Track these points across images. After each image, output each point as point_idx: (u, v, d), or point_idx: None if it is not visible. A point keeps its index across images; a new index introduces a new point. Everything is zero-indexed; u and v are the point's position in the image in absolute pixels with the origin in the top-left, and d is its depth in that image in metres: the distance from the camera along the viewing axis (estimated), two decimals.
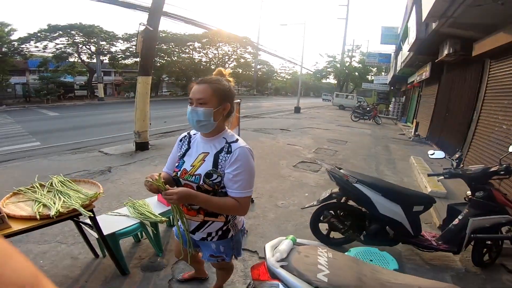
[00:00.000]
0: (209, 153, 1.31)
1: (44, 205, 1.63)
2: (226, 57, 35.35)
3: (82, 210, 1.57)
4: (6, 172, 4.59)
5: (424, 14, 5.86)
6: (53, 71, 24.17)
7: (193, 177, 1.28)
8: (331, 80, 43.79)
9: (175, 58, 30.66)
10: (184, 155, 1.39)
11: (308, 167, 5.57)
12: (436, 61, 8.09)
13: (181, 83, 34.45)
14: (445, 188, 4.46)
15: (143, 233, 2.46)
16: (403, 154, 7.36)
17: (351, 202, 2.75)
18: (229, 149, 1.28)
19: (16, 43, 21.61)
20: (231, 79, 1.38)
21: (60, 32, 22.69)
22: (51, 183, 1.86)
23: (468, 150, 6.15)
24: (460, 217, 2.57)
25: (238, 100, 3.63)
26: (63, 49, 23.89)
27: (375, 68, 32.49)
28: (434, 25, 6.26)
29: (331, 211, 2.79)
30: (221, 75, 1.36)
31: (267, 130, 9.67)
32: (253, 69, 41.04)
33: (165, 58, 29.18)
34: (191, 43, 30.27)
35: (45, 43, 22.99)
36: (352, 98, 26.35)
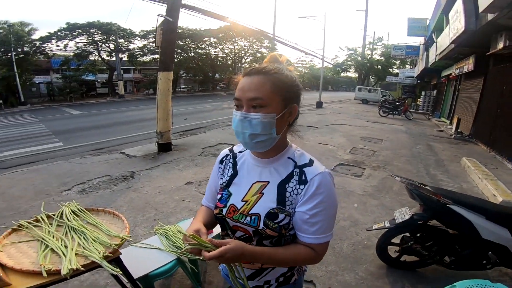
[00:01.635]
0: (268, 182, 0.87)
1: (53, 250, 1.18)
2: (242, 52, 34.79)
3: (106, 265, 1.10)
4: (26, 177, 4.31)
5: (482, 5, 5.23)
6: (75, 69, 24.69)
7: (248, 218, 0.85)
8: (351, 73, 42.25)
9: (192, 54, 30.54)
10: (229, 183, 0.94)
11: (349, 170, 4.96)
12: (487, 54, 7.24)
13: (198, 79, 34.34)
14: None
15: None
16: (451, 155, 6.57)
17: (431, 222, 2.26)
18: (303, 177, 0.84)
19: (37, 43, 22.08)
20: (291, 68, 0.88)
21: (79, 30, 23.09)
22: (61, 214, 1.40)
23: None
24: None
25: None
26: (83, 48, 24.28)
27: (399, 61, 30.86)
28: (489, 17, 5.52)
29: (407, 234, 2.33)
30: (277, 62, 0.86)
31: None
32: None
33: (182, 54, 29.10)
34: (207, 38, 29.96)
35: (65, 42, 23.47)
36: (375, 92, 25.11)
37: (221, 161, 1.01)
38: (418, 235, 2.29)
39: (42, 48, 22.61)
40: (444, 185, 4.45)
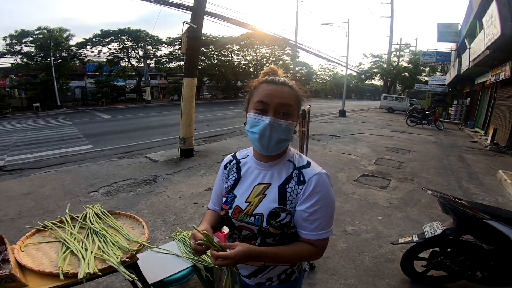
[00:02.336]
0: (270, 184, 0.94)
1: (73, 252, 1.20)
2: (264, 59, 34.97)
3: (122, 270, 1.11)
4: (57, 178, 4.55)
5: None
6: (107, 75, 26.00)
7: (252, 217, 0.92)
8: (376, 81, 41.02)
9: (215, 61, 31.14)
10: (233, 187, 1.01)
11: (373, 182, 4.75)
12: None
13: (221, 86, 34.92)
14: None
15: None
16: (485, 167, 6.11)
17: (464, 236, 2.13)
18: (301, 178, 0.91)
19: (74, 48, 23.39)
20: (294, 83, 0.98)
21: (112, 37, 24.26)
22: (85, 216, 1.44)
23: None
24: None
25: (308, 106, 3.03)
26: (115, 54, 25.55)
27: (428, 68, 29.54)
28: None
29: (437, 248, 2.20)
30: (274, 74, 0.95)
31: (315, 136, 8.92)
32: (291, 71, 40.03)
33: (205, 61, 29.76)
34: (229, 45, 30.45)
35: (99, 48, 24.80)
36: (402, 101, 24.16)
37: (225, 167, 1.06)
38: (449, 250, 2.16)
39: (78, 53, 23.91)
40: (478, 198, 4.14)
